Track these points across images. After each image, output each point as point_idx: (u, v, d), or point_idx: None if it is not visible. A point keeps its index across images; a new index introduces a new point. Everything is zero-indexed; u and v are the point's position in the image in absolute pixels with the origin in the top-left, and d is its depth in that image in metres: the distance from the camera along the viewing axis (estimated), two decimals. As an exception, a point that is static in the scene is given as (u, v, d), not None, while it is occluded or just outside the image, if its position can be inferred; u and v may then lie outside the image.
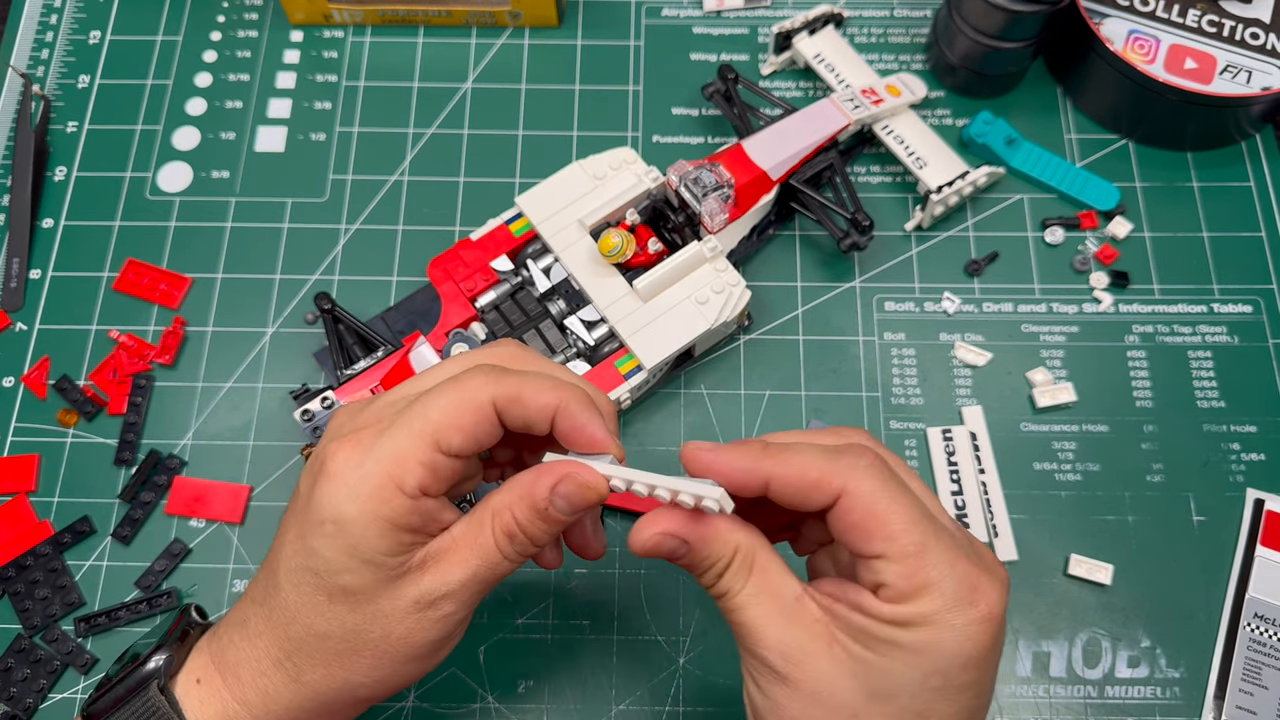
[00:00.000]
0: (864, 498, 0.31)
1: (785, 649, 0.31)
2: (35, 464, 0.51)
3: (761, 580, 0.32)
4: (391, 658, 0.33)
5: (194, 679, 0.35)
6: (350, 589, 0.32)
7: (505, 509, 0.33)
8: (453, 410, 0.32)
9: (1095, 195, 0.56)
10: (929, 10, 0.62)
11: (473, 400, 0.32)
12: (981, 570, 0.31)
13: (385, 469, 0.31)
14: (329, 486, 0.32)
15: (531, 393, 0.32)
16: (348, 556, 0.32)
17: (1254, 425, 0.51)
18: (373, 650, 0.33)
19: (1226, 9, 0.56)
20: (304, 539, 0.32)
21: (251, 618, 0.34)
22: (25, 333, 0.54)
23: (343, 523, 0.31)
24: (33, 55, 0.61)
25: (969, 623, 0.30)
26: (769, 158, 0.53)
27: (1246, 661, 0.47)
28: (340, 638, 0.33)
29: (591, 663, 0.47)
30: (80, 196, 0.57)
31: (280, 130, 0.59)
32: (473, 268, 0.51)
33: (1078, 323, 0.54)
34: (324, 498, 0.32)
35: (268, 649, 0.34)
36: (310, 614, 0.33)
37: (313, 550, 0.32)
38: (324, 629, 0.33)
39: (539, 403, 0.33)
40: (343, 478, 0.32)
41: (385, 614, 0.33)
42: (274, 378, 0.53)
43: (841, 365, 0.53)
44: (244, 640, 0.34)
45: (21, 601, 0.48)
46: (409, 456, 0.31)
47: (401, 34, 0.62)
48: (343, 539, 0.32)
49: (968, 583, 0.30)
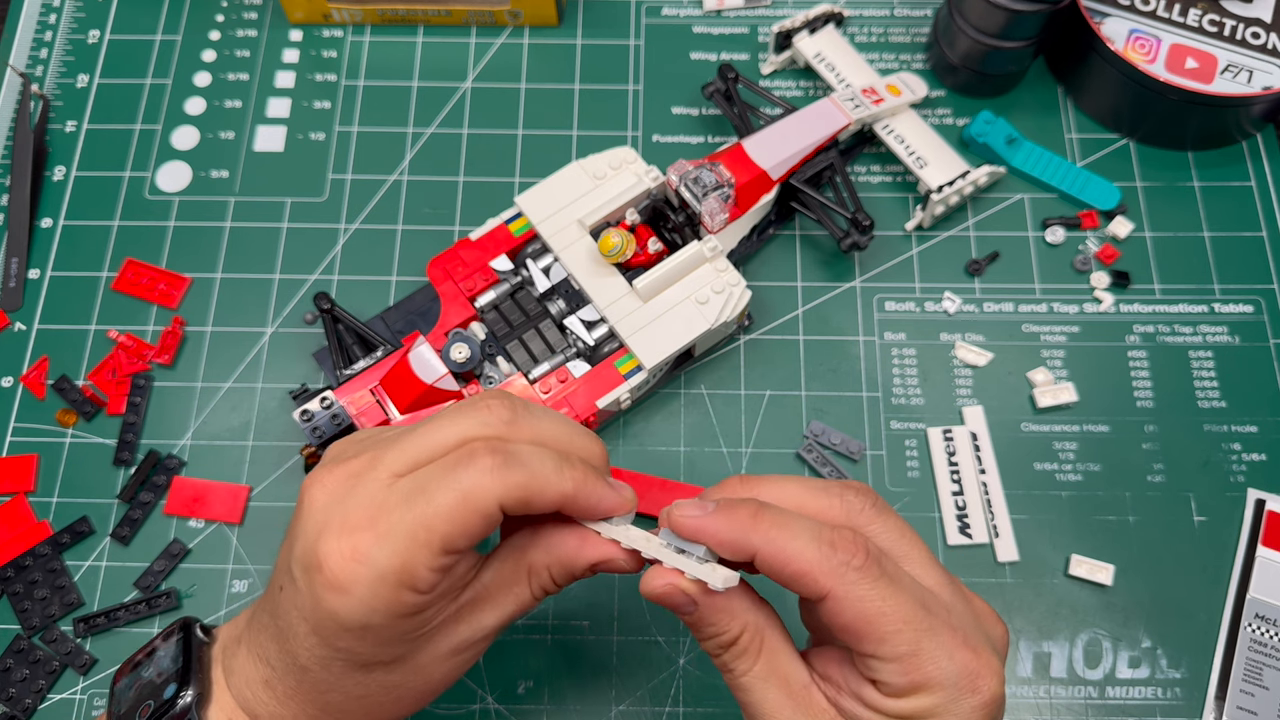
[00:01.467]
0: (853, 603, 0.30)
1: None
2: (34, 464, 0.51)
3: (770, 663, 0.32)
4: (429, 695, 0.35)
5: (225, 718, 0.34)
6: (385, 660, 0.33)
7: (543, 569, 0.34)
8: (458, 518, 0.30)
9: (1096, 195, 0.56)
10: (929, 9, 0.62)
11: (478, 506, 0.30)
12: (979, 654, 0.31)
13: (395, 581, 0.30)
14: (342, 601, 0.30)
15: (538, 489, 0.31)
16: (379, 645, 0.32)
17: (1255, 425, 0.51)
18: (413, 695, 0.34)
19: (1227, 8, 0.56)
20: (327, 641, 0.31)
21: (276, 683, 0.33)
22: (24, 333, 0.54)
23: (369, 629, 0.31)
24: (32, 55, 0.61)
25: (971, 710, 0.30)
26: (769, 157, 0.53)
27: (1247, 662, 0.46)
28: (380, 694, 0.33)
29: (591, 663, 0.47)
30: (79, 196, 0.57)
31: (279, 130, 0.59)
32: (472, 267, 0.51)
33: (1078, 323, 0.54)
34: (339, 611, 0.30)
35: (303, 708, 0.34)
36: (348, 684, 0.33)
37: (340, 649, 0.32)
38: (363, 692, 0.33)
39: (546, 500, 0.32)
40: (354, 593, 0.30)
41: (423, 666, 0.33)
42: (273, 378, 0.53)
43: (842, 365, 0.53)
44: (273, 699, 0.34)
45: (20, 602, 0.48)
46: (418, 565, 0.30)
47: (401, 33, 0.62)
48: (371, 638, 0.31)
49: (967, 672, 0.30)
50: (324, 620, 0.31)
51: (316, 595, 0.31)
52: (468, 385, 0.48)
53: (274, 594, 0.33)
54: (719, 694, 0.46)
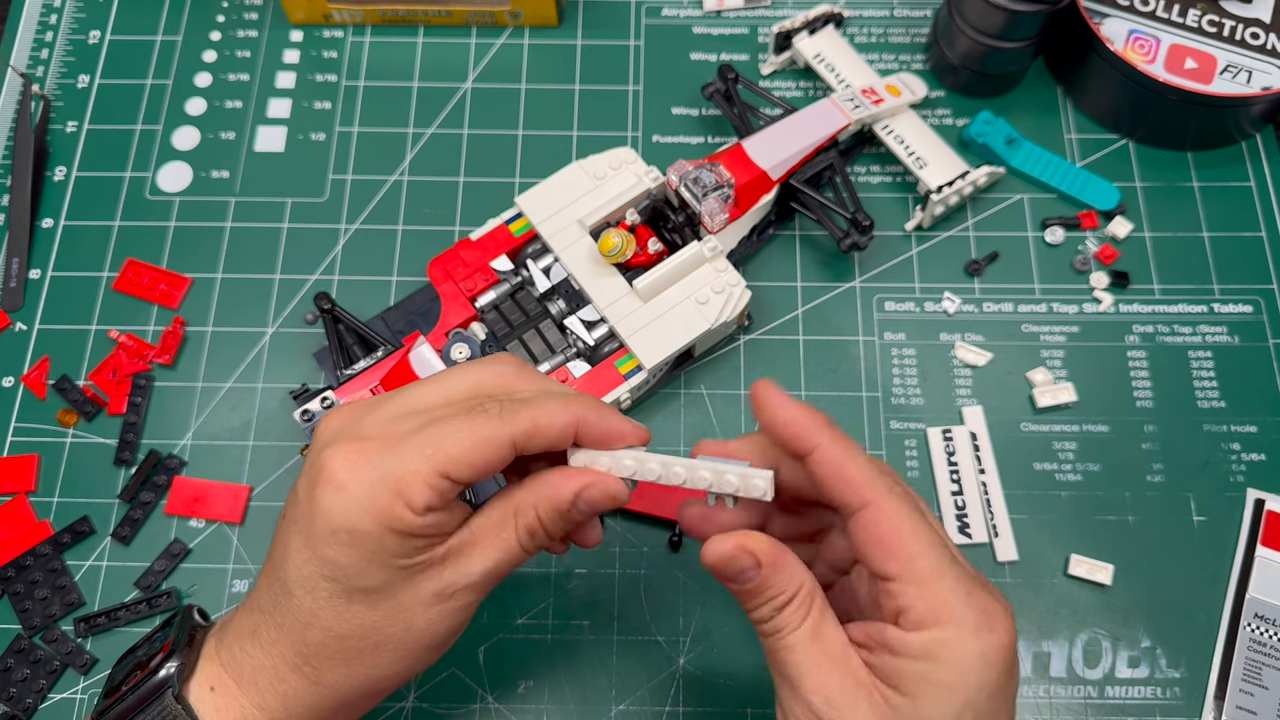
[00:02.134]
0: (890, 515, 0.32)
1: (829, 694, 0.32)
2: (35, 464, 0.51)
3: (817, 624, 0.33)
4: (412, 649, 0.34)
5: (207, 686, 0.34)
6: (369, 588, 0.32)
7: (529, 508, 0.34)
8: (468, 445, 0.32)
9: (1095, 195, 0.56)
10: (929, 10, 0.62)
11: (491, 439, 0.32)
12: (996, 600, 0.32)
13: (393, 486, 0.31)
14: (337, 498, 0.32)
15: (546, 420, 0.33)
16: (365, 562, 0.32)
17: (1254, 425, 0.51)
18: (394, 644, 0.33)
19: (1227, 9, 0.56)
20: (315, 548, 0.32)
21: (262, 626, 0.34)
22: (25, 333, 0.54)
23: (356, 533, 0.31)
24: (32, 55, 0.61)
25: (990, 649, 0.31)
26: (769, 158, 0.53)
27: (1247, 662, 0.47)
28: (361, 636, 0.33)
29: (591, 663, 0.47)
30: (80, 196, 0.57)
31: (280, 130, 0.59)
32: (472, 268, 0.51)
33: (1078, 323, 0.54)
34: (333, 508, 0.32)
35: (284, 655, 0.34)
36: (329, 617, 0.33)
37: (326, 558, 0.32)
38: (344, 630, 0.33)
39: (557, 427, 0.33)
40: (350, 490, 0.31)
41: (406, 607, 0.33)
42: (274, 378, 0.53)
43: (841, 365, 0.53)
44: (257, 649, 0.34)
45: (21, 602, 0.48)
46: (417, 478, 0.31)
47: (401, 34, 0.62)
48: (357, 548, 0.32)
49: (984, 610, 0.31)
50: (318, 523, 0.32)
51: (315, 498, 0.32)
52: (468, 385, 0.48)
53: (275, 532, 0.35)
54: (719, 693, 0.46)
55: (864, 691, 0.32)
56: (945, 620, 0.31)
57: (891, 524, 0.32)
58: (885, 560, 0.32)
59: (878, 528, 0.32)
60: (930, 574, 0.31)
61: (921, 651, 0.31)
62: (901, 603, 0.31)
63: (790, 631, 0.33)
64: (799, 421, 0.33)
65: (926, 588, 0.31)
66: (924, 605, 0.31)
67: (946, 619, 0.31)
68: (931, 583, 0.31)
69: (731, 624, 0.48)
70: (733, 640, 0.47)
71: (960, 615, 0.31)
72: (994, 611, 0.32)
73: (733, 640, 0.47)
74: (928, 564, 0.31)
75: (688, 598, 0.48)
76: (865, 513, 0.32)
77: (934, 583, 0.31)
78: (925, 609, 0.31)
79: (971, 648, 0.31)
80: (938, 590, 0.31)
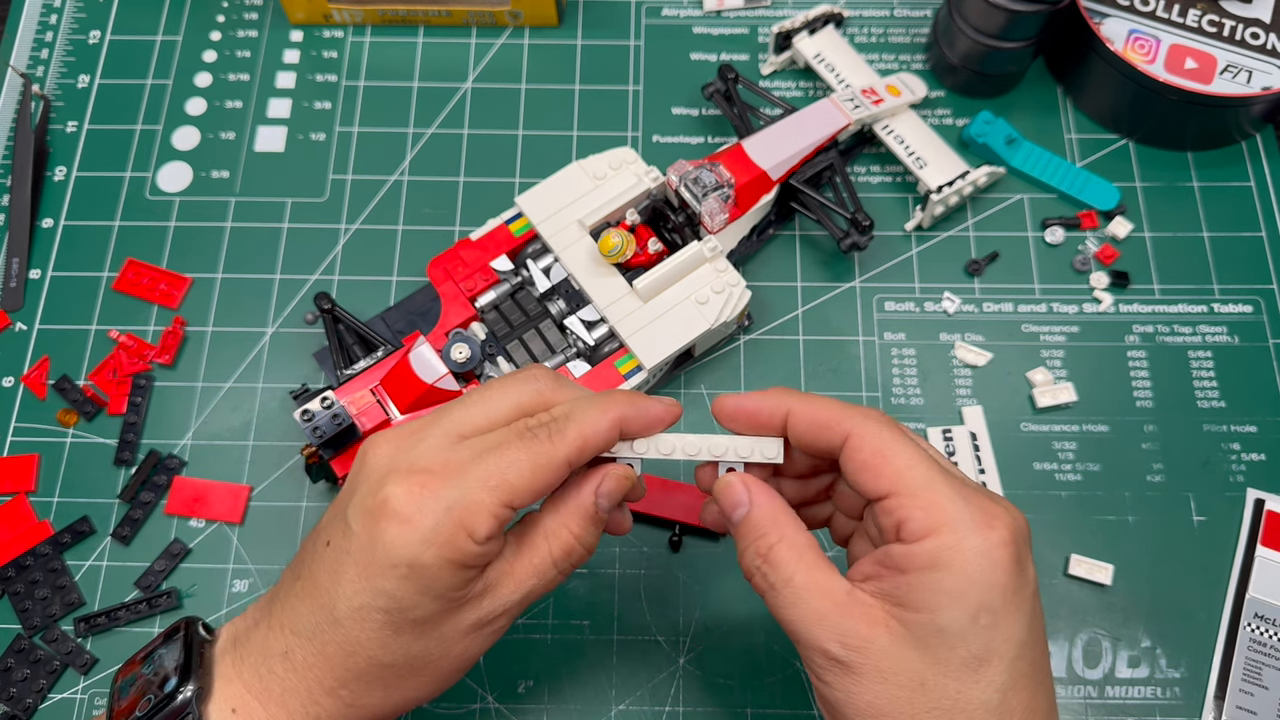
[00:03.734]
0: (870, 438, 0.33)
1: (844, 638, 0.32)
2: (35, 464, 0.51)
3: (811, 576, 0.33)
4: (447, 673, 0.35)
5: (229, 709, 0.34)
6: (419, 620, 0.33)
7: (560, 528, 0.35)
8: (529, 474, 0.33)
9: (1095, 195, 0.56)
10: (929, 10, 0.62)
11: (549, 464, 0.33)
12: (994, 501, 0.32)
13: (459, 518, 0.32)
14: (401, 530, 0.32)
15: (592, 432, 0.34)
16: (420, 594, 0.32)
17: (1254, 425, 0.51)
18: (432, 670, 0.34)
19: (1227, 9, 0.56)
20: (372, 579, 0.32)
21: (297, 650, 0.34)
22: (25, 333, 0.54)
23: (418, 567, 0.32)
24: (33, 55, 0.61)
25: (993, 546, 0.31)
26: (769, 158, 0.53)
27: (1247, 661, 0.47)
28: (403, 665, 0.34)
29: (591, 663, 0.47)
30: (80, 196, 0.57)
31: (280, 130, 0.59)
32: (473, 268, 0.51)
33: (1078, 323, 0.54)
34: (397, 541, 0.32)
35: (320, 679, 0.34)
36: (375, 647, 0.33)
37: (383, 590, 0.32)
38: (388, 660, 0.33)
39: (602, 435, 0.34)
40: (415, 523, 0.32)
41: (447, 637, 0.34)
42: (274, 378, 0.53)
43: (841, 365, 0.53)
44: (289, 672, 0.34)
45: (21, 601, 0.48)
46: (482, 509, 0.32)
47: (401, 34, 0.62)
48: (416, 581, 0.32)
49: (983, 511, 0.32)
50: (378, 555, 0.32)
51: (376, 531, 0.32)
52: (468, 385, 0.48)
53: (311, 556, 0.35)
54: (719, 693, 0.46)
55: (879, 625, 0.32)
56: (943, 524, 0.31)
57: (874, 445, 0.33)
58: (876, 481, 0.33)
59: (861, 453, 0.33)
60: (922, 483, 0.32)
61: (926, 560, 0.31)
62: (898, 516, 0.32)
63: (784, 586, 0.33)
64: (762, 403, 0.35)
65: (921, 496, 0.32)
66: (921, 514, 0.31)
67: (944, 523, 0.31)
68: (925, 491, 0.32)
69: (731, 624, 0.48)
70: (733, 640, 0.47)
71: (958, 518, 0.31)
72: (993, 511, 0.32)
73: (733, 640, 0.47)
74: (918, 475, 0.32)
75: (688, 598, 0.48)
76: (848, 444, 0.33)
77: (927, 491, 0.32)
78: (923, 517, 0.31)
79: (974, 545, 0.31)
80: (932, 497, 0.32)
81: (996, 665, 0.31)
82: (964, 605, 0.31)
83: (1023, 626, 0.31)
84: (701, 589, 0.48)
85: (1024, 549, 0.32)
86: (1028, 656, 0.32)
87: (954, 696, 0.31)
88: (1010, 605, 0.31)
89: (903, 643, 0.31)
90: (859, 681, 0.32)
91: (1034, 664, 0.32)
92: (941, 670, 0.31)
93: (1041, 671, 0.33)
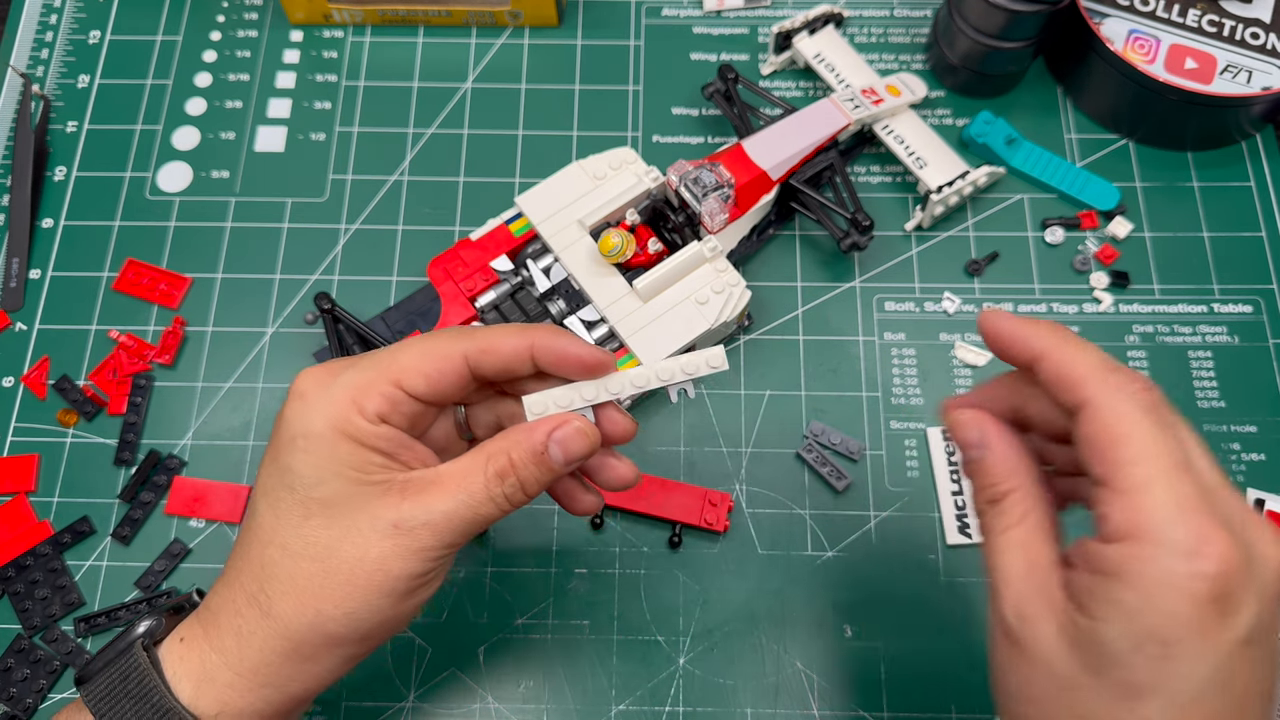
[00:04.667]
0: (1108, 412, 0.29)
1: (1021, 609, 0.30)
2: (35, 464, 0.51)
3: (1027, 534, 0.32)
4: (364, 586, 0.33)
5: (178, 638, 0.35)
6: (326, 500, 0.33)
7: (501, 452, 0.34)
8: (418, 357, 0.34)
9: (1095, 195, 0.56)
10: (929, 10, 0.62)
11: (442, 351, 0.34)
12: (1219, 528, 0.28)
13: (349, 394, 0.33)
14: (297, 406, 0.34)
15: (500, 338, 0.34)
16: (319, 469, 0.33)
17: (1254, 425, 0.51)
18: (346, 574, 0.33)
19: (1226, 9, 0.56)
20: (277, 459, 0.34)
21: (231, 561, 0.35)
22: (25, 333, 0.54)
23: (311, 436, 0.33)
24: (33, 55, 0.61)
25: (1189, 574, 0.27)
26: (769, 158, 0.53)
27: (1247, 662, 0.46)
28: (312, 557, 0.33)
29: (591, 663, 0.47)
30: (80, 196, 0.57)
31: (280, 130, 0.59)
32: (472, 268, 0.51)
33: (1078, 323, 0.54)
34: (293, 415, 0.34)
35: (244, 585, 0.34)
36: (285, 532, 0.33)
37: (286, 466, 0.33)
38: (297, 547, 0.33)
39: (511, 345, 0.34)
40: (309, 397, 0.34)
41: (360, 532, 0.33)
42: (274, 378, 0.53)
43: (841, 365, 0.53)
44: (224, 585, 0.35)
45: (21, 601, 0.48)
46: (371, 386, 0.33)
47: (401, 34, 0.62)
48: (313, 452, 0.33)
49: (1198, 534, 0.27)
50: (281, 433, 0.34)
51: (280, 413, 0.34)
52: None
53: None
54: (719, 694, 0.47)
55: (1054, 612, 0.30)
56: (1142, 533, 0.28)
57: (1103, 422, 0.29)
58: (1093, 462, 0.29)
59: (1089, 426, 0.29)
60: (1139, 482, 0.28)
61: (1111, 565, 0.28)
62: (1102, 510, 0.29)
63: (1000, 533, 0.32)
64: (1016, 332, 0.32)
65: (1130, 497, 0.28)
66: (1121, 515, 0.28)
67: (1143, 532, 0.28)
68: (1137, 492, 0.28)
69: (731, 624, 0.48)
70: (733, 640, 0.47)
71: (1161, 531, 0.27)
72: (1206, 536, 0.27)
73: (733, 640, 0.47)
74: (1140, 471, 0.28)
75: (688, 598, 0.48)
76: (1084, 413, 0.30)
77: (1140, 492, 0.28)
78: (1122, 519, 0.28)
79: (1166, 566, 0.27)
80: (1142, 500, 0.28)
81: (1154, 703, 0.28)
82: (1132, 625, 0.28)
83: (1205, 671, 0.27)
84: (701, 589, 0.48)
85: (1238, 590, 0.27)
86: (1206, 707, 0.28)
87: (1098, 714, 0.29)
88: (1192, 643, 0.27)
89: (1065, 639, 0.29)
90: (1017, 659, 0.30)
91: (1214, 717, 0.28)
92: (1094, 685, 0.29)
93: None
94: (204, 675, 0.33)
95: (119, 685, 0.33)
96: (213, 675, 0.33)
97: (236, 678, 0.33)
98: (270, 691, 0.34)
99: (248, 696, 0.33)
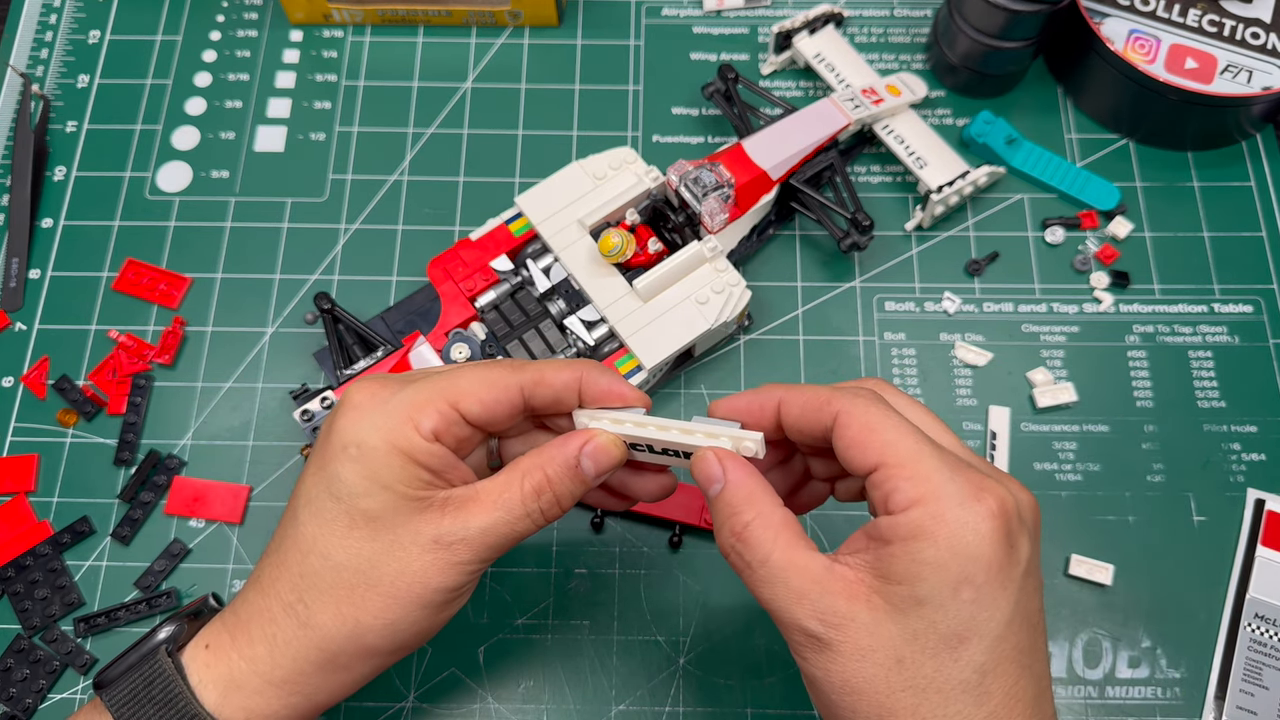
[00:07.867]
0: (858, 415, 0.32)
1: (823, 615, 0.31)
2: (35, 464, 0.51)
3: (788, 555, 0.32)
4: (404, 599, 0.34)
5: (203, 645, 0.35)
6: (370, 514, 0.33)
7: (536, 468, 0.35)
8: (477, 384, 0.35)
9: (1096, 195, 0.56)
10: (929, 10, 0.62)
11: (501, 380, 0.35)
12: (987, 475, 0.31)
13: (405, 410, 0.34)
14: (352, 416, 0.34)
15: (552, 373, 0.36)
16: (368, 480, 0.33)
17: (1254, 425, 0.51)
18: (387, 586, 0.33)
19: (1227, 9, 0.56)
20: (325, 467, 0.34)
21: (264, 568, 0.35)
22: (25, 333, 0.54)
23: (364, 446, 0.33)
24: (32, 55, 0.61)
25: (979, 518, 0.30)
26: (769, 157, 0.53)
27: (1247, 662, 0.46)
28: (355, 569, 0.33)
29: (591, 663, 0.47)
30: (80, 196, 0.57)
31: (280, 130, 0.59)
32: (472, 268, 0.51)
33: (1078, 323, 0.54)
34: (347, 425, 0.34)
35: (279, 594, 0.34)
36: (328, 542, 0.33)
37: (335, 475, 0.33)
38: (340, 559, 0.33)
39: (562, 379, 0.36)
40: (364, 410, 0.34)
41: (403, 546, 0.33)
42: (274, 378, 0.53)
43: (841, 365, 0.53)
44: (255, 592, 0.35)
45: (21, 602, 0.48)
46: (428, 404, 0.34)
47: (401, 34, 0.62)
48: (364, 463, 0.33)
49: (972, 483, 0.31)
50: (331, 442, 0.34)
51: (332, 422, 0.35)
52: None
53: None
54: (719, 694, 0.46)
55: (859, 601, 0.31)
56: (929, 494, 0.30)
57: (862, 420, 0.32)
58: (864, 455, 0.32)
59: (850, 430, 0.32)
60: (909, 454, 0.31)
61: (909, 530, 0.30)
62: (886, 488, 0.31)
63: (760, 564, 0.32)
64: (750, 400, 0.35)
65: (907, 467, 0.31)
66: (906, 484, 0.31)
67: (930, 493, 0.30)
68: (911, 462, 0.31)
69: (732, 624, 0.48)
70: (733, 640, 0.47)
71: (944, 488, 0.30)
72: (984, 484, 0.31)
73: (733, 640, 0.47)
74: (906, 446, 0.31)
75: (688, 598, 0.48)
76: (838, 423, 0.33)
77: (914, 462, 0.31)
78: (908, 487, 0.31)
79: (958, 516, 0.30)
80: (918, 467, 0.31)
81: (976, 644, 0.30)
82: (944, 576, 0.30)
83: (1008, 605, 0.30)
84: (701, 589, 0.48)
85: (1017, 525, 0.31)
86: (1012, 639, 0.30)
87: (930, 675, 0.30)
88: (995, 581, 0.30)
89: (883, 616, 0.31)
90: (836, 658, 0.31)
91: (1020, 647, 0.31)
92: (919, 647, 0.30)
93: (1028, 656, 0.31)
94: (231, 682, 0.34)
95: (143, 690, 0.34)
96: (241, 682, 0.34)
97: (266, 685, 0.34)
98: (298, 700, 0.34)
99: (274, 704, 0.34)
